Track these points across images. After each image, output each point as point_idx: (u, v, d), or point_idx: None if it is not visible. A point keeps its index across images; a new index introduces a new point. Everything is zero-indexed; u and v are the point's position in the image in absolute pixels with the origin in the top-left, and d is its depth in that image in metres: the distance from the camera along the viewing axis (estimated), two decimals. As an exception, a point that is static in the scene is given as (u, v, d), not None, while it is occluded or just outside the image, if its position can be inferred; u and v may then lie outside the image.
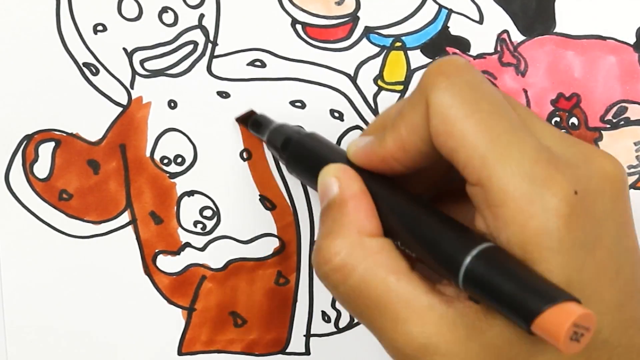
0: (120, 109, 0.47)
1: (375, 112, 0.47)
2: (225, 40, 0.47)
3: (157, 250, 0.48)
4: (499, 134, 0.35)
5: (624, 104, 0.46)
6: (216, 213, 0.48)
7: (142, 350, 0.48)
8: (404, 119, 0.37)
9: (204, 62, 0.47)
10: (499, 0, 0.46)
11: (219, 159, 0.48)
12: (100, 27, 0.47)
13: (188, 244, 0.48)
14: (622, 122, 0.47)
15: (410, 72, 0.47)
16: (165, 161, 0.48)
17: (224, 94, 0.47)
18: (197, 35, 0.47)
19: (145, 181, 0.48)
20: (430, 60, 0.47)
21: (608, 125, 0.47)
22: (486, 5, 0.46)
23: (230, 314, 0.48)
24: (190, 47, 0.47)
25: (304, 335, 0.48)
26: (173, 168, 0.48)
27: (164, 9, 0.47)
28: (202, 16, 0.47)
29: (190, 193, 0.48)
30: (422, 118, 0.36)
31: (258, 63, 0.47)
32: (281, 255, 0.48)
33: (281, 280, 0.48)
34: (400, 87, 0.47)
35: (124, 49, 0.47)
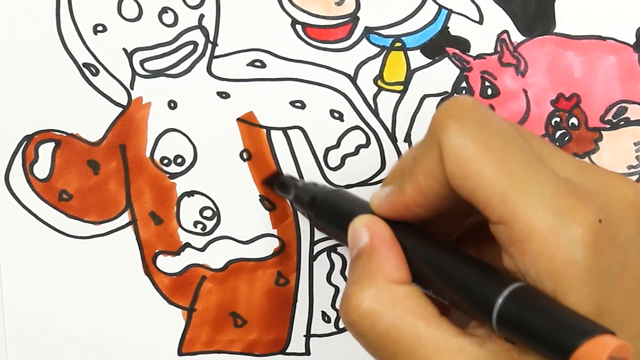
0: (120, 109, 0.47)
1: (375, 112, 0.47)
2: (225, 40, 0.47)
3: (157, 251, 0.48)
4: (515, 169, 0.35)
5: (624, 104, 0.46)
6: (216, 213, 0.48)
7: (142, 350, 0.48)
8: (420, 165, 0.37)
9: (204, 62, 0.47)
10: (499, 0, 0.46)
11: (219, 159, 0.48)
12: (100, 28, 0.47)
13: (188, 244, 0.48)
14: (622, 122, 0.47)
15: (410, 73, 0.47)
16: (165, 161, 0.48)
17: (224, 94, 0.47)
18: (197, 36, 0.47)
19: (145, 181, 0.48)
20: (430, 61, 0.47)
21: (608, 126, 0.47)
22: (486, 5, 0.46)
23: (230, 314, 0.48)
24: (190, 47, 0.47)
25: (304, 336, 0.48)
26: (173, 168, 0.48)
27: (164, 10, 0.47)
28: (202, 16, 0.47)
29: (190, 193, 0.48)
30: (436, 162, 0.36)
31: (258, 63, 0.47)
32: (281, 256, 0.48)
33: (281, 281, 0.48)
34: (400, 88, 0.47)
35: (124, 50, 0.47)
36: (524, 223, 0.34)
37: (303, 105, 0.47)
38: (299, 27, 0.47)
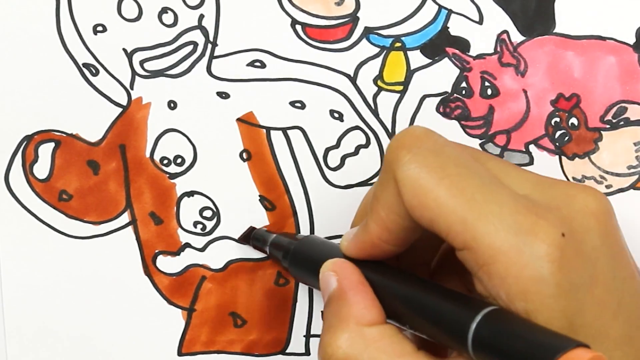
0: (120, 109, 0.47)
1: (375, 112, 0.47)
2: (225, 40, 0.47)
3: (157, 251, 0.48)
4: (472, 194, 0.35)
5: (623, 104, 0.46)
6: (216, 213, 0.48)
7: (142, 350, 0.48)
8: (380, 201, 0.37)
9: (204, 62, 0.47)
10: (498, 0, 0.46)
11: (219, 159, 0.48)
12: (100, 28, 0.47)
13: (188, 245, 0.48)
14: (622, 123, 0.47)
15: (410, 73, 0.47)
16: (165, 162, 0.48)
17: (223, 95, 0.47)
18: (197, 36, 0.47)
19: (145, 182, 0.48)
20: (430, 61, 0.47)
21: (608, 126, 0.47)
22: (486, 5, 0.46)
23: (230, 314, 0.48)
24: (190, 47, 0.47)
25: (304, 336, 0.48)
26: (173, 168, 0.48)
27: (164, 10, 0.47)
28: (201, 17, 0.47)
29: (190, 193, 0.48)
30: (394, 195, 0.36)
31: (258, 63, 0.47)
32: (281, 256, 0.48)
33: (281, 281, 0.48)
34: (400, 88, 0.47)
35: (124, 50, 0.47)
36: (487, 246, 0.34)
37: (303, 106, 0.47)
38: (298, 27, 0.47)
